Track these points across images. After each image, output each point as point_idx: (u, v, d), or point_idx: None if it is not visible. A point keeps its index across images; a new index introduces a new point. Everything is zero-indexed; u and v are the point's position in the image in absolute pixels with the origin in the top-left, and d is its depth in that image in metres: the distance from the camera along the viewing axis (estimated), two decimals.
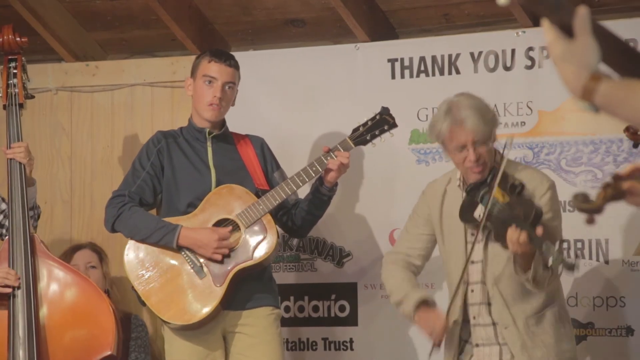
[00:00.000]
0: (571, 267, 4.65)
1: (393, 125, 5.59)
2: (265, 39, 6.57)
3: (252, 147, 5.70)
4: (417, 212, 5.34)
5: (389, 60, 6.22)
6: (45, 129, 6.66)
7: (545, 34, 2.51)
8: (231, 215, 5.48)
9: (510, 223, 4.77)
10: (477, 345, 5.07)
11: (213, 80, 5.54)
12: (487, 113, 5.04)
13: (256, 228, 5.46)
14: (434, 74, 6.14)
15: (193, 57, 6.22)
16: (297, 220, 5.66)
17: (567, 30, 2.49)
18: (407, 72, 6.18)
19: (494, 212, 4.89)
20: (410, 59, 6.18)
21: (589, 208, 2.74)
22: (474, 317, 5.07)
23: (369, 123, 5.57)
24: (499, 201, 4.89)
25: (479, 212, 4.98)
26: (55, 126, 6.72)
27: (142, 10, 6.49)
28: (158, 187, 5.60)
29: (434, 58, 6.13)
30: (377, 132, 5.57)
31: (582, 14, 2.45)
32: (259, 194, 5.52)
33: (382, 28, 6.34)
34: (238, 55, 6.05)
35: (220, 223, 5.47)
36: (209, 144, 5.62)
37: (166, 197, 5.60)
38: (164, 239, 5.41)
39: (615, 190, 3.13)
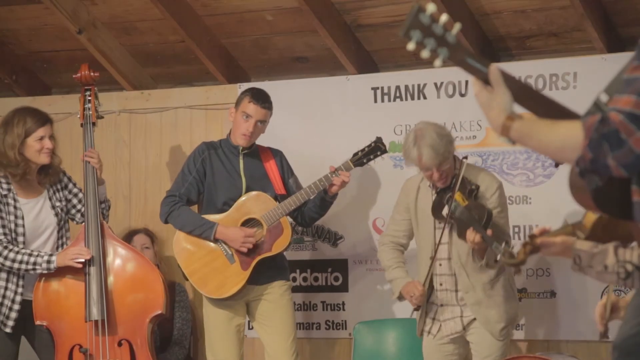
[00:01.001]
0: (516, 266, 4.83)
1: (384, 151, 5.62)
2: (278, 72, 6.55)
3: (273, 159, 5.68)
4: (399, 203, 5.38)
5: (372, 89, 6.21)
6: (111, 141, 6.68)
7: (473, 87, 2.59)
8: (257, 215, 5.52)
9: (469, 225, 4.87)
10: (441, 305, 5.18)
11: (249, 117, 5.53)
12: (444, 141, 5.02)
13: (276, 227, 5.51)
14: (406, 99, 6.13)
15: (223, 87, 6.33)
16: (305, 217, 5.68)
17: (489, 83, 2.55)
18: (386, 97, 6.18)
19: (456, 214, 4.95)
20: (389, 88, 6.17)
21: (515, 262, 2.86)
22: (441, 284, 5.17)
23: (366, 149, 5.59)
24: (460, 204, 4.95)
25: (446, 210, 5.04)
26: (118, 140, 6.74)
27: (183, 51, 6.51)
28: (201, 188, 5.59)
29: (406, 87, 6.13)
30: (371, 157, 5.60)
31: (492, 70, 2.54)
32: (277, 198, 5.56)
33: (367, 64, 6.33)
34: (256, 85, 6.09)
35: (248, 221, 5.51)
36: (240, 157, 5.61)
37: (207, 196, 5.60)
38: (204, 233, 5.46)
39: (532, 246, 3.27)
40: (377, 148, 5.61)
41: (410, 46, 2.46)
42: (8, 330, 5.34)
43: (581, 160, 2.41)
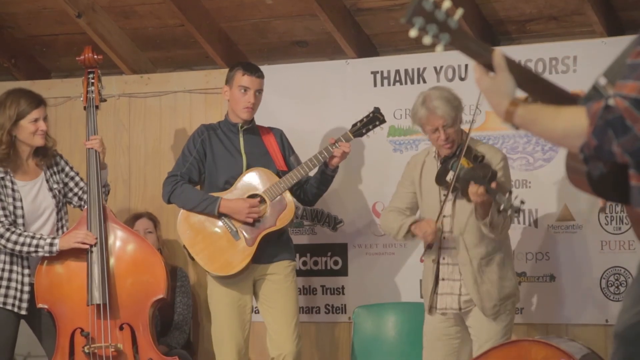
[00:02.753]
0: (517, 210, 4.77)
1: (383, 121, 5.64)
2: (277, 56, 6.56)
3: (273, 137, 5.71)
4: (404, 177, 5.41)
5: (371, 73, 6.23)
6: (110, 125, 6.68)
7: (474, 72, 2.59)
8: (259, 191, 5.55)
9: (472, 181, 4.91)
10: (442, 279, 5.20)
11: (247, 89, 5.57)
12: (454, 101, 5.11)
13: (279, 201, 5.53)
14: (406, 83, 6.15)
15: (223, 71, 6.24)
16: (308, 194, 5.70)
17: (490, 67, 2.55)
18: (385, 81, 6.20)
19: (461, 175, 4.97)
20: (388, 72, 6.20)
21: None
22: (444, 258, 5.19)
23: (365, 120, 5.61)
24: (465, 167, 4.99)
25: (450, 176, 5.06)
26: (117, 123, 6.76)
27: (183, 35, 6.53)
28: (202, 168, 5.61)
29: (406, 71, 6.16)
30: (370, 127, 5.61)
31: (496, 55, 2.54)
32: (279, 174, 5.58)
33: (366, 48, 6.35)
34: None
35: (250, 198, 5.51)
36: (240, 135, 5.64)
37: (208, 176, 5.62)
38: (208, 208, 5.47)
39: None
40: (375, 118, 5.64)
41: (413, 33, 2.47)
42: (23, 312, 5.39)
43: (586, 147, 2.40)
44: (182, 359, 5.77)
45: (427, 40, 2.48)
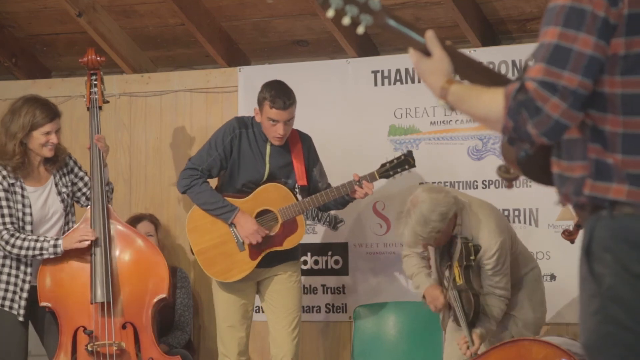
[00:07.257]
0: None
1: (412, 165, 5.55)
2: (278, 56, 6.59)
3: (301, 147, 5.65)
4: None
5: (372, 72, 6.25)
6: (111, 124, 6.69)
7: (410, 57, 2.62)
8: (274, 208, 5.55)
9: (457, 317, 5.04)
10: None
11: (276, 122, 5.48)
12: (431, 228, 4.93)
13: (290, 223, 5.55)
14: (407, 82, 6.17)
15: (223, 70, 6.40)
16: (321, 207, 5.65)
17: (426, 52, 2.58)
18: (386, 80, 6.22)
19: (449, 295, 5.05)
20: (389, 71, 6.22)
21: (509, 177, 2.95)
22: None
23: (395, 161, 5.54)
24: (457, 282, 5.01)
25: (446, 275, 5.08)
26: (117, 122, 6.78)
27: (183, 34, 6.56)
28: (224, 165, 5.58)
29: (407, 70, 6.16)
30: (399, 170, 5.53)
31: (429, 36, 2.59)
32: (297, 187, 5.60)
33: (367, 46, 6.37)
34: (256, 68, 6.21)
35: (264, 212, 5.56)
36: (268, 144, 5.57)
37: (229, 174, 5.60)
38: (223, 215, 5.49)
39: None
40: (406, 162, 5.57)
41: (330, 13, 2.44)
42: (21, 319, 5.43)
43: (505, 129, 2.47)
44: (183, 359, 5.81)
45: (346, 21, 2.45)
